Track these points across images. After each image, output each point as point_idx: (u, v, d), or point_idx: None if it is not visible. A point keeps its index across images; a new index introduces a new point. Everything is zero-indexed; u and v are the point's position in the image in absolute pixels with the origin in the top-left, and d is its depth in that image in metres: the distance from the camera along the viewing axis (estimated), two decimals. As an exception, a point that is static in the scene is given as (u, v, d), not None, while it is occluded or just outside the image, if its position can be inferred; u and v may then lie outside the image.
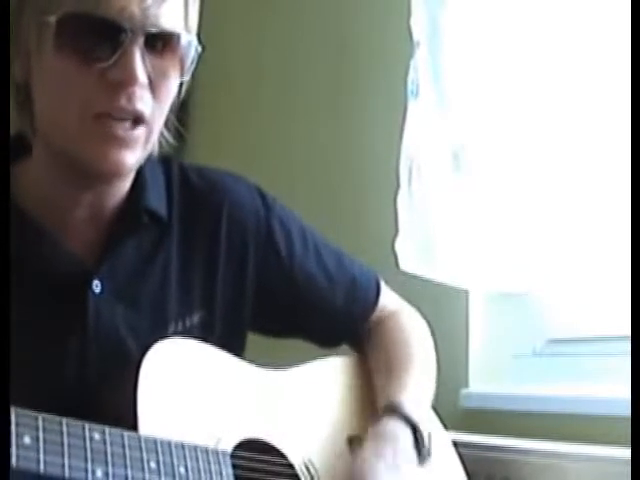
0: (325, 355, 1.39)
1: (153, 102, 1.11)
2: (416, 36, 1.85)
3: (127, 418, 1.05)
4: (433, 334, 1.46)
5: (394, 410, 1.26)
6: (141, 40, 1.07)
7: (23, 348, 1.06)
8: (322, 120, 2.29)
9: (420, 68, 1.84)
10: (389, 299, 1.45)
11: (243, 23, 2.56)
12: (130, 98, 1.08)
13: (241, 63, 2.54)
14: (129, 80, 1.07)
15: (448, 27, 1.81)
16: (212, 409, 1.15)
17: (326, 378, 1.36)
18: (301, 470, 1.22)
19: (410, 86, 1.86)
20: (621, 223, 1.61)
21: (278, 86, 2.46)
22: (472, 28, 1.78)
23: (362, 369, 1.39)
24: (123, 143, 1.09)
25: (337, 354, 1.41)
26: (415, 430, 1.24)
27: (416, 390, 1.32)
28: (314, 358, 1.36)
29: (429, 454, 1.25)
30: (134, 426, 1.04)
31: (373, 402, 1.33)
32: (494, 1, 1.77)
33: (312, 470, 1.24)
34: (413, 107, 1.87)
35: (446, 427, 1.43)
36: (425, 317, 1.47)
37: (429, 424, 1.30)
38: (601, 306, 1.77)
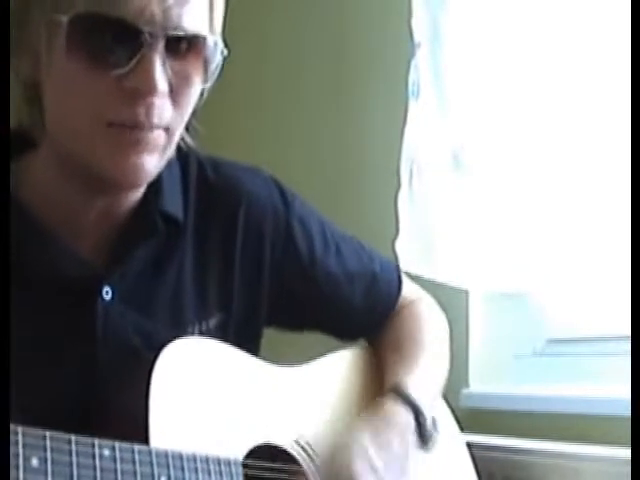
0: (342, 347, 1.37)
1: (173, 110, 1.03)
2: (417, 37, 1.85)
3: (139, 420, 1.01)
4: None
5: (397, 392, 1.23)
6: (161, 44, 0.99)
7: (29, 353, 1.03)
8: (322, 120, 2.28)
9: (421, 68, 1.84)
10: (409, 290, 1.41)
11: (243, 23, 2.55)
12: (149, 110, 1.00)
13: (241, 63, 2.53)
14: (148, 90, 0.99)
15: (449, 28, 1.81)
16: (226, 411, 1.12)
17: (344, 373, 1.32)
18: (314, 477, 1.19)
19: (411, 86, 1.86)
20: (621, 223, 1.61)
21: (278, 86, 2.45)
22: (473, 29, 1.78)
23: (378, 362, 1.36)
24: (140, 147, 1.01)
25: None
26: (417, 414, 1.21)
27: (423, 375, 1.28)
28: (329, 350, 1.33)
29: (432, 439, 1.22)
30: (145, 429, 1.01)
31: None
32: (495, 2, 1.77)
33: None
34: (414, 107, 1.87)
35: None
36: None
37: (436, 410, 1.27)
38: (601, 306, 1.77)
